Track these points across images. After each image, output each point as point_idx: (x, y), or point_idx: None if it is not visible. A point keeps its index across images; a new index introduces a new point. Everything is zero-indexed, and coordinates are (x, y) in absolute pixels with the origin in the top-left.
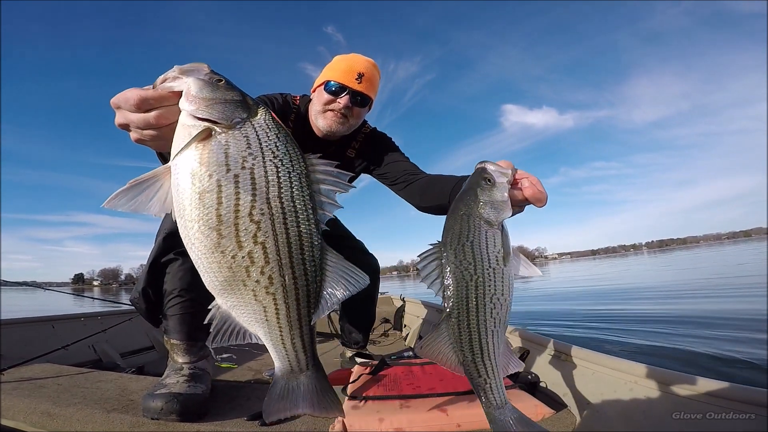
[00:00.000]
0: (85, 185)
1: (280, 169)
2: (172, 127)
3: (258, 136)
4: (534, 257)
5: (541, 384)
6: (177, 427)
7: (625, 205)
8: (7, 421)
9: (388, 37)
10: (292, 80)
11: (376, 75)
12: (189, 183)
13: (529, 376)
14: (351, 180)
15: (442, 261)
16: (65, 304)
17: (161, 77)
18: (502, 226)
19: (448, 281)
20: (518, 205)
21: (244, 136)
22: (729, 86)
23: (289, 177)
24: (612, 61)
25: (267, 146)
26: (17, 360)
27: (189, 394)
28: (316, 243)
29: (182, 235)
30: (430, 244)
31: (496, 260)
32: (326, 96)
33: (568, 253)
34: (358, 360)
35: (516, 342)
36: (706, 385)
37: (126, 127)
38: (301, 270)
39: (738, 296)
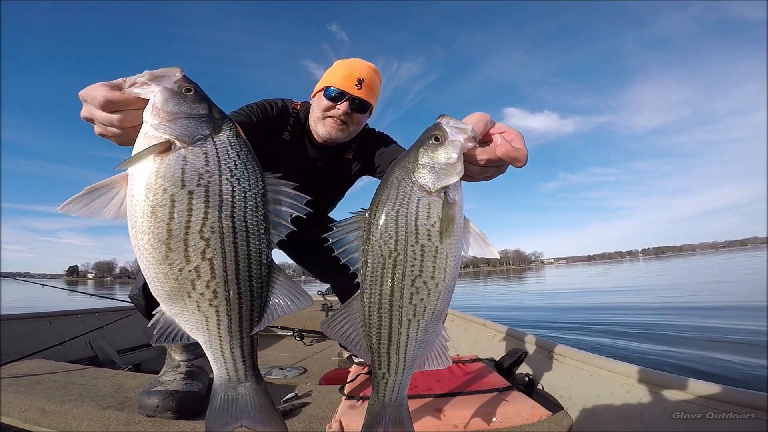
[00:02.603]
0: (83, 177)
1: (236, 188)
2: (136, 128)
3: (218, 153)
4: (530, 261)
5: (538, 386)
6: (173, 424)
7: (623, 211)
8: (2, 418)
9: (391, 37)
10: (294, 78)
11: (376, 80)
12: (143, 195)
13: (526, 378)
14: (348, 184)
15: (363, 232)
16: (60, 299)
17: (130, 80)
18: (446, 193)
19: (365, 256)
20: (495, 165)
21: (204, 153)
22: (731, 94)
23: (245, 196)
24: (615, 66)
25: (225, 164)
26: (14, 356)
27: (186, 391)
28: (264, 261)
29: (132, 243)
30: (352, 212)
31: (428, 235)
32: (325, 102)
33: (564, 258)
34: (356, 360)
35: (513, 344)
36: (702, 387)
37: (91, 120)
38: (247, 286)
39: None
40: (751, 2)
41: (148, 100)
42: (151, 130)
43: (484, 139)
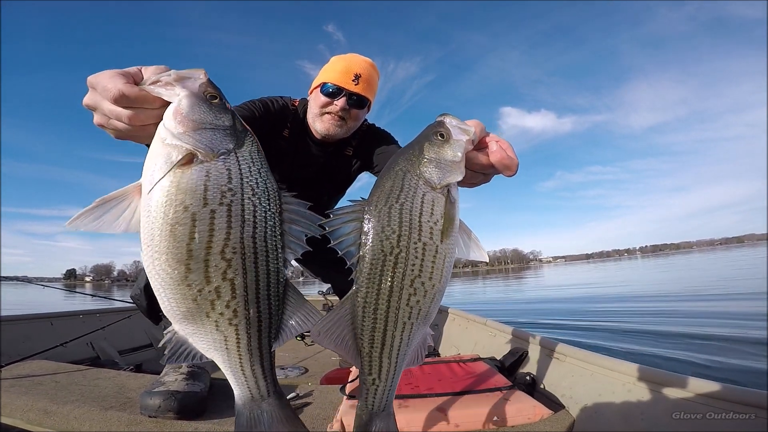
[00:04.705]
0: (79, 179)
1: (257, 208)
2: (144, 127)
3: (240, 170)
4: (529, 260)
5: (539, 385)
6: (174, 425)
7: (620, 210)
8: (4, 419)
9: (388, 37)
10: (291, 78)
11: (374, 75)
12: (162, 212)
13: (528, 377)
14: (349, 181)
15: (362, 223)
16: (59, 301)
17: (153, 76)
18: (449, 191)
19: (364, 250)
20: (483, 173)
21: (227, 169)
22: (726, 92)
23: (265, 216)
24: (612, 65)
25: (248, 182)
26: (15, 357)
27: (187, 392)
28: (281, 280)
29: (146, 262)
30: (351, 201)
31: (430, 233)
32: (323, 98)
33: (563, 257)
34: None
35: (514, 343)
36: (704, 386)
37: (93, 108)
38: (266, 305)
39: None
40: (746, 2)
41: (169, 101)
42: (172, 139)
43: (478, 146)
